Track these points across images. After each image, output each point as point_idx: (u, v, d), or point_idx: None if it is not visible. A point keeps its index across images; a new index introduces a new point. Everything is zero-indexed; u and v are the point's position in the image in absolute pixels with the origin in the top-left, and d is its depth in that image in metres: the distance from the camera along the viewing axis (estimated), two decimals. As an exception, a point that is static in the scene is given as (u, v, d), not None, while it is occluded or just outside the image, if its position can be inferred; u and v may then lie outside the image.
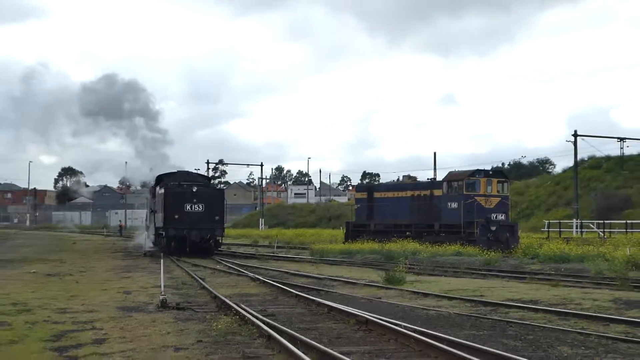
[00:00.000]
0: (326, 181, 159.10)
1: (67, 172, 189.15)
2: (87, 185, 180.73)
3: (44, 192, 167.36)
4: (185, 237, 37.57)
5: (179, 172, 44.41)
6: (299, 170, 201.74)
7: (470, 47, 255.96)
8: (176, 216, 37.98)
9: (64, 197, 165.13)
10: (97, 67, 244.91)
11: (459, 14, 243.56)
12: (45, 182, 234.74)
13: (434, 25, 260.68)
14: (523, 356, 10.17)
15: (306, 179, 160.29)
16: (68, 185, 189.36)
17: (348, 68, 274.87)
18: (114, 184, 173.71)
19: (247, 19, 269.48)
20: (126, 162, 62.20)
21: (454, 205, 40.46)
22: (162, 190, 39.65)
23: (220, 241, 40.64)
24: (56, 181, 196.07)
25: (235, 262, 32.99)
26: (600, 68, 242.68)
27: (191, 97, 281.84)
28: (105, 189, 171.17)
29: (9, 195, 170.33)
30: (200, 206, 38.32)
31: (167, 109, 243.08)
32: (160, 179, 43.68)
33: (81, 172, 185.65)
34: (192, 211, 38.21)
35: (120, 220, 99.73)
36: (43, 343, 12.41)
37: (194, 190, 38.71)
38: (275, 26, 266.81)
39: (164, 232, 39.11)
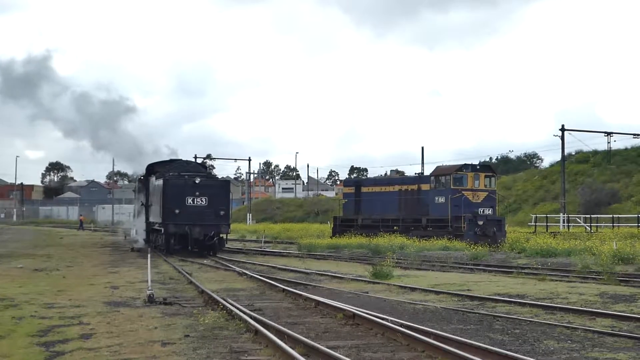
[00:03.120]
0: (314, 176, 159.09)
1: (54, 166, 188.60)
2: (74, 180, 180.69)
3: (31, 187, 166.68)
4: (187, 234, 34.07)
5: (175, 160, 40.53)
6: (287, 165, 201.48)
7: (456, 40, 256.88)
8: (177, 210, 34.23)
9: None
10: (80, 60, 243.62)
11: (445, 7, 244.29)
12: (32, 177, 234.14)
13: (420, 19, 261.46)
14: (510, 350, 10.20)
15: (294, 174, 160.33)
16: (55, 180, 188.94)
17: (335, 62, 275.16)
18: (102, 178, 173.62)
19: (233, 12, 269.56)
20: (114, 160, 59.88)
21: (442, 199, 40.54)
22: (160, 182, 35.82)
23: (225, 238, 37.08)
24: (43, 176, 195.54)
25: (223, 256, 32.91)
26: (587, 62, 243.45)
27: (177, 92, 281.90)
28: (92, 184, 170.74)
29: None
30: (204, 199, 34.66)
31: (153, 103, 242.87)
32: (152, 169, 40.24)
33: (68, 167, 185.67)
34: (194, 205, 34.56)
35: (80, 215, 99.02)
36: (30, 338, 12.37)
37: (197, 181, 34.86)
38: (261, 20, 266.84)
39: (162, 229, 35.21)
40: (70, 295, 18.54)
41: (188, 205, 34.48)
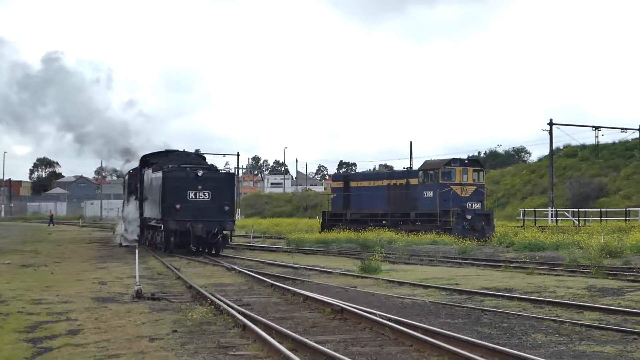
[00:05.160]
0: (303, 171, 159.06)
1: (42, 162, 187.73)
2: (62, 176, 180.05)
3: (19, 183, 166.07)
4: (189, 231, 31.51)
5: (171, 151, 38.00)
6: (276, 160, 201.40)
7: (445, 35, 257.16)
8: (177, 206, 31.81)
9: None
10: (69, 56, 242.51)
11: (433, 2, 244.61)
12: (20, 173, 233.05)
13: (408, 14, 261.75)
14: (497, 344, 10.22)
15: (282, 169, 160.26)
16: (44, 175, 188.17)
17: (323, 56, 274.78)
18: (90, 174, 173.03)
19: (220, 6, 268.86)
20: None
21: (430, 194, 40.60)
22: (158, 174, 33.47)
23: (230, 235, 34.59)
24: (31, 172, 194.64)
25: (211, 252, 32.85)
26: (575, 57, 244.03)
27: (164, 87, 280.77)
28: (80, 179, 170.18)
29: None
30: (206, 194, 32.23)
31: (140, 98, 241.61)
32: (147, 160, 37.95)
33: (57, 163, 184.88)
34: (196, 200, 32.10)
35: (50, 210, 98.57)
36: (17, 334, 12.33)
37: (199, 174, 32.30)
38: (248, 14, 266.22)
39: (161, 225, 32.82)
40: (58, 291, 18.48)
41: (190, 200, 32.17)
